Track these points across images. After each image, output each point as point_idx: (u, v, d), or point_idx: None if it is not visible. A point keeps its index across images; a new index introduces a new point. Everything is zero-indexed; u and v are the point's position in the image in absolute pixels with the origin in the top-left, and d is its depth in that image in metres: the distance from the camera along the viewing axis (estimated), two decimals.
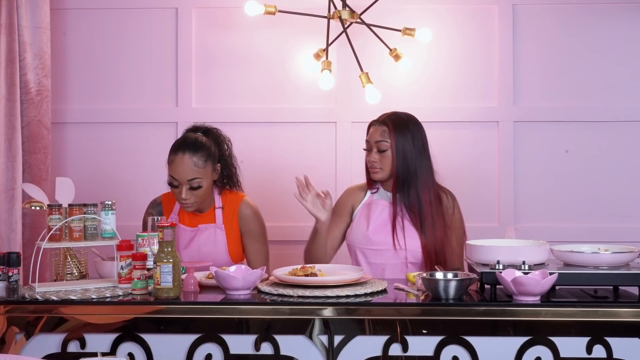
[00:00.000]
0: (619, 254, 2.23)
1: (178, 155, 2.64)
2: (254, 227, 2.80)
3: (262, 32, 3.62)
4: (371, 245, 2.69)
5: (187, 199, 2.64)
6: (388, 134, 2.67)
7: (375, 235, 2.69)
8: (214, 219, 2.78)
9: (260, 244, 2.83)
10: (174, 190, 2.67)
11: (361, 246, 2.71)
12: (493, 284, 2.19)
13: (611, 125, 3.56)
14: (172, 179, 2.64)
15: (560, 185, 3.58)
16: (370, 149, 2.72)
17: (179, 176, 2.62)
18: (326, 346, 2.10)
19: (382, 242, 2.68)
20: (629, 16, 3.57)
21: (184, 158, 2.62)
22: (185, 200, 2.64)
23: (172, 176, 2.64)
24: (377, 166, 2.69)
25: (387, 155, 2.68)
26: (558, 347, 2.08)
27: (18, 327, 2.17)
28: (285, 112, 3.62)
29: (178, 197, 2.66)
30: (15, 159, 3.28)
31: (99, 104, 3.67)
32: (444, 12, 3.60)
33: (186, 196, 2.63)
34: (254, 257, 2.80)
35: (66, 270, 2.50)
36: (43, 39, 3.41)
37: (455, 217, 2.75)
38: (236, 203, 2.80)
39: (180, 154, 2.64)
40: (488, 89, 3.60)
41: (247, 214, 2.79)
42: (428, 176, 2.70)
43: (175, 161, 2.64)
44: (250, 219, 2.79)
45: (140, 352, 2.14)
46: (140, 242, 2.42)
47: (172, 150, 2.68)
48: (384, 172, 2.70)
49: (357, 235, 2.73)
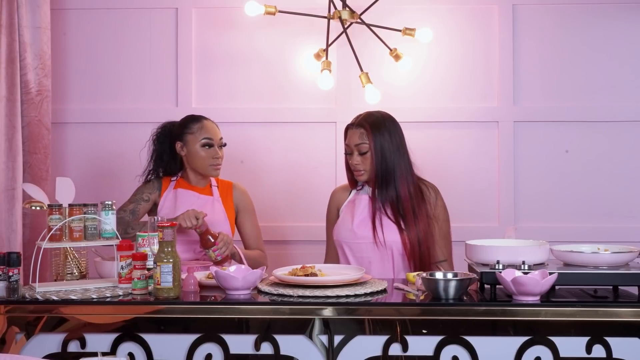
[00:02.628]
0: (618, 254, 2.23)
1: (205, 121, 2.91)
2: (249, 203, 3.00)
3: (262, 32, 3.63)
4: (356, 239, 2.72)
5: (221, 156, 2.88)
6: (366, 135, 2.69)
7: (360, 230, 2.71)
8: (211, 193, 2.94)
9: (255, 219, 3.01)
10: (208, 151, 2.86)
11: (347, 241, 2.73)
12: (493, 284, 2.20)
13: (611, 125, 3.57)
14: (207, 140, 2.86)
15: (560, 185, 3.58)
16: (351, 152, 2.74)
17: (213, 135, 2.88)
18: (326, 346, 2.10)
19: (366, 237, 2.70)
20: (629, 16, 3.57)
21: (209, 122, 2.92)
22: (219, 159, 2.87)
23: (207, 137, 2.86)
24: (360, 168, 2.73)
25: (368, 157, 2.70)
26: (558, 347, 2.08)
27: (18, 327, 2.17)
28: (285, 112, 3.63)
29: (211, 156, 2.86)
30: (16, 159, 3.28)
31: (99, 104, 3.68)
32: (444, 12, 3.60)
33: (221, 154, 2.88)
34: (250, 232, 2.98)
35: (66, 270, 2.50)
36: (43, 39, 3.41)
37: (438, 208, 2.77)
38: (228, 185, 3.00)
39: (205, 120, 2.91)
40: (488, 89, 3.60)
41: (242, 191, 3.01)
42: (407, 171, 2.72)
43: (206, 124, 2.89)
44: (244, 195, 3.00)
45: (141, 352, 2.14)
46: (140, 242, 2.42)
47: (195, 119, 2.91)
48: (368, 172, 2.73)
49: (342, 230, 2.76)
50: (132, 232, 2.72)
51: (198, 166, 2.88)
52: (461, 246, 2.49)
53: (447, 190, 2.88)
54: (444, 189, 2.82)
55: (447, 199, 2.81)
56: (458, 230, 3.26)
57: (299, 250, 3.55)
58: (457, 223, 3.11)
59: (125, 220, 2.77)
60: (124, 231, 2.72)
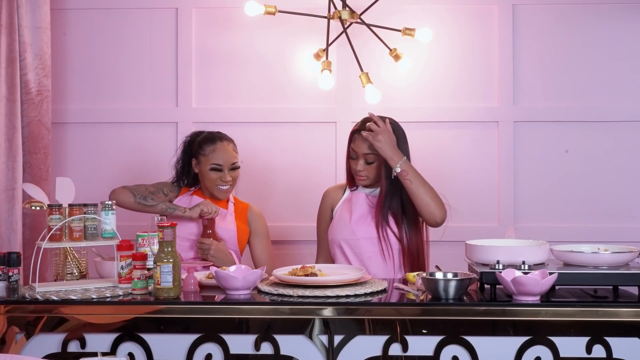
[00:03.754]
0: (618, 254, 2.23)
1: (218, 144, 2.90)
2: (263, 226, 3.00)
3: (262, 32, 3.63)
4: (355, 235, 2.72)
5: (229, 180, 2.89)
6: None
7: (358, 226, 2.73)
8: (226, 207, 2.96)
9: (267, 243, 3.01)
10: (216, 174, 2.87)
11: (346, 238, 2.74)
12: (493, 284, 2.20)
13: (611, 125, 3.57)
14: (216, 165, 2.87)
15: (560, 186, 3.58)
16: (356, 158, 2.75)
17: (224, 161, 2.88)
18: (326, 346, 2.10)
19: (366, 232, 2.71)
20: (629, 16, 3.57)
21: (223, 145, 2.91)
22: (228, 183, 2.89)
23: (216, 163, 2.87)
24: (363, 175, 2.75)
25: (374, 167, 2.74)
26: (558, 347, 2.08)
27: (18, 327, 2.17)
28: (285, 112, 3.63)
29: (220, 180, 2.88)
30: (16, 159, 3.28)
31: (99, 104, 3.68)
32: (444, 12, 3.60)
33: (230, 177, 2.89)
34: (261, 254, 2.97)
35: (66, 270, 2.50)
36: (43, 39, 3.41)
37: None
38: (244, 206, 3.01)
39: (219, 142, 2.91)
40: (488, 89, 3.60)
41: (257, 213, 3.01)
42: None
43: (218, 148, 2.89)
44: (260, 219, 3.01)
45: (141, 352, 2.14)
46: (140, 242, 2.43)
47: (210, 140, 2.91)
48: (370, 179, 2.77)
49: (340, 228, 2.77)
50: (150, 202, 2.80)
51: (207, 187, 2.92)
52: (461, 246, 2.48)
53: (447, 190, 2.87)
54: (444, 189, 2.81)
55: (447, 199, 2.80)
56: (458, 230, 3.27)
57: (299, 250, 3.55)
58: (457, 223, 3.12)
59: (148, 191, 2.84)
60: (142, 197, 2.80)
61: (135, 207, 2.80)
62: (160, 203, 2.80)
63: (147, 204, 2.79)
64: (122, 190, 2.81)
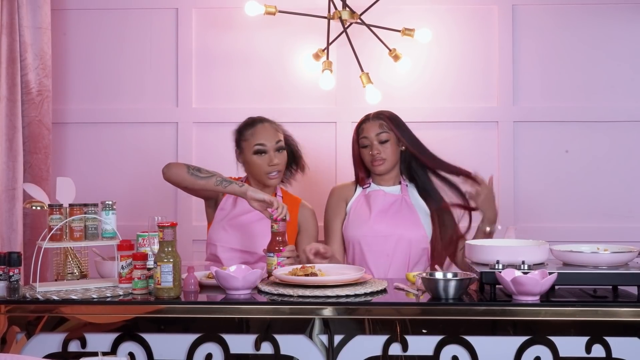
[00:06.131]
0: (618, 254, 2.23)
1: (259, 125, 2.74)
2: (313, 226, 2.85)
3: (262, 32, 3.63)
4: (374, 233, 2.72)
5: (277, 164, 2.70)
6: (386, 125, 2.75)
7: (378, 224, 2.73)
8: None
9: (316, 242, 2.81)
10: (261, 157, 2.70)
11: (365, 234, 2.73)
12: (493, 284, 2.20)
13: (611, 125, 3.57)
14: (259, 146, 2.70)
15: (560, 185, 3.58)
16: (369, 144, 2.75)
17: (266, 140, 2.70)
18: (326, 346, 2.11)
19: (385, 230, 2.71)
20: (629, 16, 3.57)
21: (264, 125, 2.74)
22: (276, 165, 2.70)
23: (259, 143, 2.69)
24: (380, 157, 2.74)
25: (388, 145, 2.74)
26: (557, 347, 2.08)
27: (19, 327, 2.18)
28: (285, 112, 3.62)
29: (266, 164, 2.70)
30: (16, 159, 3.29)
31: (99, 104, 3.68)
32: (444, 12, 3.60)
33: (278, 160, 2.70)
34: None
35: (67, 270, 2.50)
36: (44, 39, 3.41)
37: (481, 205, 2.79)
38: (296, 201, 2.85)
39: (259, 123, 2.75)
40: (488, 89, 3.60)
41: (309, 211, 2.85)
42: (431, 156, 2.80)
43: (258, 129, 2.73)
44: (311, 217, 2.85)
45: (141, 352, 2.15)
46: (140, 241, 2.43)
47: (249, 124, 2.76)
48: (388, 162, 2.75)
49: (358, 225, 2.75)
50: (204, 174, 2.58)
51: (255, 177, 2.76)
52: None
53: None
54: None
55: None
56: None
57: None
58: None
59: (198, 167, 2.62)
60: (196, 169, 2.59)
61: (188, 179, 2.59)
62: (214, 176, 2.56)
63: (201, 175, 2.58)
64: (176, 164, 2.65)
